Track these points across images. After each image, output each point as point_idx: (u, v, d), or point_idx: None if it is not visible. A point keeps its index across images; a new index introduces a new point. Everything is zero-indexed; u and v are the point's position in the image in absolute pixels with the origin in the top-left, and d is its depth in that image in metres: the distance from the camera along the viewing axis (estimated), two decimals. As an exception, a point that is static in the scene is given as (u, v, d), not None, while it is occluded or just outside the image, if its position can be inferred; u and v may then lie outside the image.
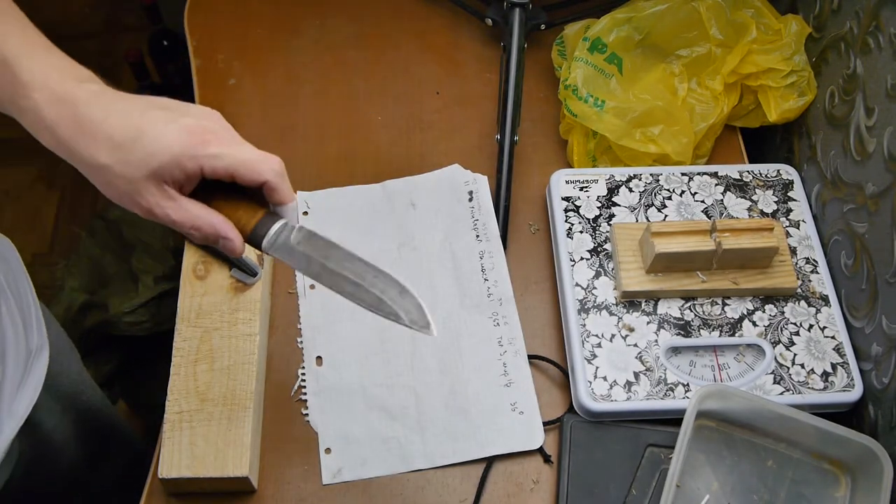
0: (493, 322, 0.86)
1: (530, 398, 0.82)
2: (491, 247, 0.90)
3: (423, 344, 0.85)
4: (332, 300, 0.88)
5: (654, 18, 0.94)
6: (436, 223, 0.92)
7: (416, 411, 0.82)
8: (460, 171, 0.95)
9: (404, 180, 0.95)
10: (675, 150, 0.91)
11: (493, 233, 0.91)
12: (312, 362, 0.85)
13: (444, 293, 0.88)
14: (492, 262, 0.89)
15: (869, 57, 0.82)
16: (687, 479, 0.77)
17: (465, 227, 0.91)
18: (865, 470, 0.75)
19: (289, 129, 1.01)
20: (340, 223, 0.92)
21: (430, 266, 0.89)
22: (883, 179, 0.78)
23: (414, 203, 0.93)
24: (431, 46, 1.08)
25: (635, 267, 0.84)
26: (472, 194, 0.93)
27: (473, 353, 0.85)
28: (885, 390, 0.77)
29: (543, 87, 1.04)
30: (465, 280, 0.88)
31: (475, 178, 0.95)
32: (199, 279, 0.85)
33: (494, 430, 0.81)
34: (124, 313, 1.45)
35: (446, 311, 0.87)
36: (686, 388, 0.79)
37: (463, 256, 0.90)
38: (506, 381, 0.83)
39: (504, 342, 0.85)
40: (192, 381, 0.79)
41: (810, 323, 0.83)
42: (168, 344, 0.81)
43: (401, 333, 0.85)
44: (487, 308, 0.87)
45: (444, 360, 0.84)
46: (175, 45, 1.62)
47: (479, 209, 0.92)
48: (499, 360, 0.84)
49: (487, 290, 0.88)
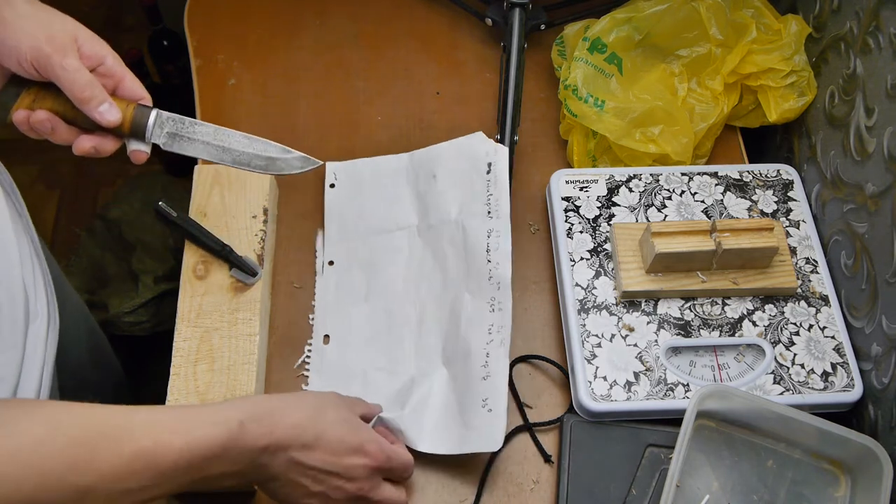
0: (489, 307, 0.82)
1: (501, 396, 0.77)
2: (499, 225, 0.85)
3: (429, 332, 0.85)
4: (346, 279, 0.89)
5: (654, 18, 0.94)
6: (453, 196, 0.89)
7: (412, 398, 0.81)
8: (482, 139, 0.89)
9: (428, 150, 0.93)
10: (675, 150, 0.91)
11: (504, 210, 0.85)
12: (320, 340, 0.86)
13: (454, 277, 0.86)
14: (497, 241, 0.84)
15: (869, 57, 0.82)
16: (687, 479, 0.77)
17: (479, 202, 0.87)
18: (865, 470, 0.75)
19: (289, 129, 1.01)
20: (367, 193, 0.93)
21: (443, 246, 0.87)
22: (883, 179, 0.78)
23: (435, 174, 0.91)
24: (431, 46, 1.08)
25: (635, 267, 0.84)
26: (490, 166, 0.88)
27: (468, 338, 0.82)
28: (885, 390, 0.77)
29: (543, 87, 1.04)
30: (471, 261, 0.85)
31: (496, 148, 0.88)
32: (199, 279, 0.85)
33: (465, 424, 0.78)
34: (124, 313, 1.45)
35: (453, 294, 0.85)
36: (686, 388, 0.79)
37: (473, 235, 0.86)
38: (484, 373, 0.79)
39: (493, 330, 0.81)
40: (192, 381, 0.79)
41: (810, 323, 0.83)
42: (168, 344, 0.81)
43: (408, 319, 0.86)
44: (487, 292, 0.82)
45: (446, 346, 0.83)
46: (175, 45, 1.62)
47: (496, 183, 0.87)
48: (483, 350, 0.80)
49: (489, 273, 0.83)
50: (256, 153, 0.73)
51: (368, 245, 0.90)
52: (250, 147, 0.73)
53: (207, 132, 0.72)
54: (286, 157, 0.74)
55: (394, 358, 0.84)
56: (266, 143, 0.73)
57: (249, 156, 0.73)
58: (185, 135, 0.71)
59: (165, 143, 0.71)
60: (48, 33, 0.65)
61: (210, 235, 0.85)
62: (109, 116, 0.67)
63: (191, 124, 0.72)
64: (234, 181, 0.90)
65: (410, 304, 0.87)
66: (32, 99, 0.67)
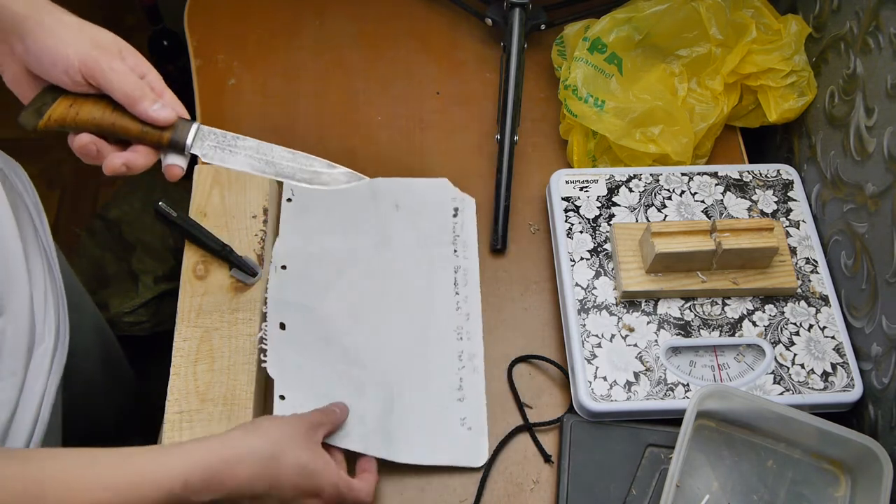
0: (456, 335, 0.86)
1: (481, 416, 0.82)
2: (468, 265, 0.90)
3: (386, 343, 0.84)
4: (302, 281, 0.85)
5: (654, 18, 0.94)
6: (417, 226, 0.91)
7: (365, 401, 0.80)
8: (449, 186, 0.94)
9: (392, 180, 0.94)
10: (675, 150, 0.91)
11: (472, 254, 0.90)
12: (276, 326, 0.81)
13: (414, 297, 0.87)
14: (465, 278, 0.89)
15: (869, 57, 0.82)
16: (687, 479, 0.77)
17: (445, 238, 0.91)
18: (865, 470, 0.75)
19: (289, 129, 1.01)
20: (323, 212, 0.92)
21: (405, 266, 0.89)
22: (883, 179, 0.78)
23: (398, 204, 0.93)
24: (431, 46, 1.08)
25: (635, 267, 0.84)
26: (456, 211, 0.93)
27: (432, 361, 0.84)
28: (885, 390, 0.77)
29: (543, 87, 1.04)
30: (436, 288, 0.88)
31: (463, 197, 0.94)
32: (199, 279, 0.85)
33: (438, 439, 0.80)
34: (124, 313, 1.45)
35: (413, 315, 0.86)
36: (686, 388, 0.79)
37: (438, 265, 0.89)
38: (459, 395, 0.83)
39: (464, 357, 0.85)
40: (192, 381, 0.79)
41: (810, 323, 0.83)
42: (168, 344, 0.81)
43: (367, 328, 0.85)
44: (453, 320, 0.86)
45: (404, 364, 0.84)
46: (175, 45, 1.62)
47: (462, 227, 0.92)
48: (456, 375, 0.83)
49: (457, 304, 0.87)
50: (301, 167, 0.70)
51: (323, 260, 0.88)
52: (294, 161, 0.70)
53: (250, 146, 0.70)
54: (331, 172, 0.71)
55: (351, 360, 0.83)
56: (309, 158, 0.71)
57: (294, 169, 0.70)
58: (227, 147, 0.69)
59: (206, 154, 0.68)
60: (95, 41, 0.64)
61: (210, 235, 0.85)
62: (164, 113, 0.65)
63: (233, 138, 0.69)
64: (234, 181, 0.90)
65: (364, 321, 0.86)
66: (69, 104, 0.64)
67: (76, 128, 0.64)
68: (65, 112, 0.64)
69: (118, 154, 0.65)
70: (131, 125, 0.65)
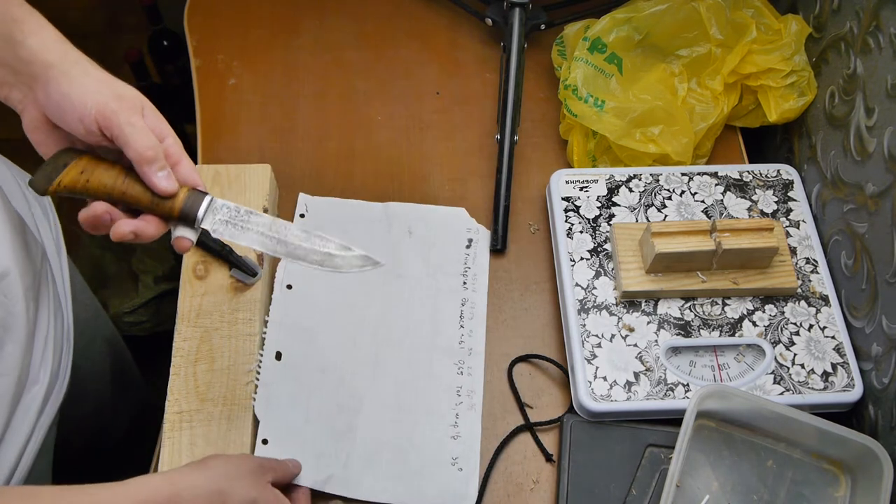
0: (457, 369, 0.84)
1: (473, 456, 0.80)
2: (476, 298, 0.88)
3: (385, 373, 0.83)
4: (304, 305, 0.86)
5: (653, 18, 0.94)
6: (427, 256, 0.90)
7: (357, 437, 0.80)
8: (465, 216, 0.93)
9: (407, 206, 0.93)
10: (675, 150, 0.91)
11: (482, 287, 0.89)
12: (272, 356, 0.82)
13: (418, 327, 0.86)
14: (472, 312, 0.87)
15: (869, 57, 0.82)
16: (687, 479, 0.77)
17: (455, 269, 0.90)
18: (865, 470, 0.75)
19: (289, 128, 1.01)
20: (337, 233, 0.90)
21: (412, 296, 0.88)
22: (883, 179, 0.78)
23: (411, 231, 0.91)
24: (431, 46, 1.08)
25: (635, 267, 0.84)
26: (470, 242, 0.91)
27: (430, 395, 0.83)
28: (885, 390, 0.77)
29: (543, 87, 1.04)
30: (441, 320, 0.86)
31: (478, 228, 0.93)
32: (199, 279, 0.85)
33: (428, 479, 0.78)
34: (124, 313, 1.45)
35: (415, 346, 0.85)
36: (686, 388, 0.79)
37: (445, 296, 0.88)
38: (454, 432, 0.81)
39: (462, 393, 0.83)
40: (192, 381, 0.80)
41: (810, 323, 0.83)
42: (168, 344, 0.81)
43: (366, 355, 0.84)
44: (455, 354, 0.85)
45: (401, 396, 0.82)
46: (175, 45, 1.62)
47: (474, 260, 0.90)
48: (452, 410, 0.82)
49: (460, 337, 0.86)
50: (313, 248, 0.67)
51: (329, 282, 0.88)
52: (307, 241, 0.67)
53: (263, 223, 0.66)
54: (345, 255, 0.67)
55: (346, 393, 0.82)
56: (324, 239, 0.67)
57: (306, 250, 0.67)
58: (239, 223, 0.66)
59: (217, 229, 0.65)
60: (117, 93, 0.61)
61: (210, 235, 0.85)
62: (167, 183, 0.62)
63: (246, 213, 0.66)
64: (234, 181, 0.90)
65: (363, 349, 0.85)
66: (80, 170, 0.62)
67: (86, 194, 0.63)
68: (76, 178, 0.62)
69: (128, 221, 0.63)
70: (142, 195, 0.63)
